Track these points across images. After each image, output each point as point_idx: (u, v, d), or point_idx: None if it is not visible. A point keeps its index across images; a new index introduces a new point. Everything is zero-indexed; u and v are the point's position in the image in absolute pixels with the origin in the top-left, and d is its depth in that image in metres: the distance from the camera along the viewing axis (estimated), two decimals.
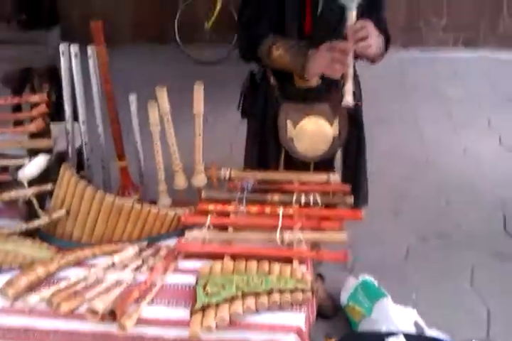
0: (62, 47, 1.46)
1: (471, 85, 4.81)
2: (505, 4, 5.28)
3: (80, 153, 1.62)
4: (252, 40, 1.68)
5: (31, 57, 4.59)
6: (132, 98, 1.48)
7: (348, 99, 1.46)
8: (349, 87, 1.47)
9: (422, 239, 2.79)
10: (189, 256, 1.30)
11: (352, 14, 1.46)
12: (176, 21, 5.37)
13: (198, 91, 1.44)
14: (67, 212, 1.33)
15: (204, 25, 5.48)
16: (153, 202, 1.50)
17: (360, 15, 1.54)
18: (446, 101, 4.52)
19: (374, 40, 1.51)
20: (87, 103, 1.53)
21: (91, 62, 1.48)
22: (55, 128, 1.62)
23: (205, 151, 1.52)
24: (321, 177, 1.53)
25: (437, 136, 3.91)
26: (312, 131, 1.76)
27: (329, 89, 1.73)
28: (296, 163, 1.80)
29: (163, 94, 1.43)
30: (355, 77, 1.78)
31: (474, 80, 4.93)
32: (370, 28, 1.48)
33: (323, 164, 1.80)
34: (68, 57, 1.46)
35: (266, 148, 1.84)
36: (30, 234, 1.34)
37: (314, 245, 1.35)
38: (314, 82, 1.71)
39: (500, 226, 2.88)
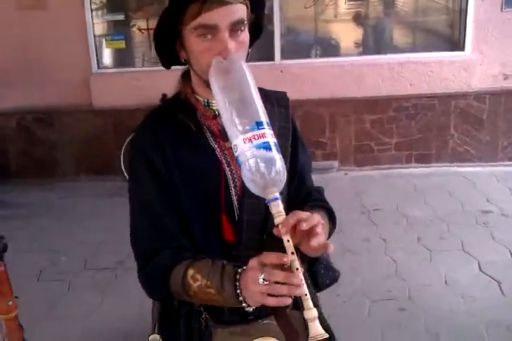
0: None
1: (434, 203, 4.65)
2: (452, 122, 5.38)
3: None
4: (157, 275, 1.19)
5: None
6: None
7: (316, 329, 0.98)
8: (312, 312, 0.99)
9: None
10: None
11: (277, 206, 1.02)
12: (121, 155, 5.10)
13: None
14: None
15: None
16: None
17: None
18: (412, 222, 4.30)
19: (321, 229, 1.06)
20: None
21: None
22: None
23: None
24: None
25: (412, 267, 3.59)
26: None
27: None
28: None
29: None
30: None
31: (436, 197, 4.79)
32: (312, 217, 1.04)
33: None
34: None
35: None
36: None
37: None
38: None
39: None
